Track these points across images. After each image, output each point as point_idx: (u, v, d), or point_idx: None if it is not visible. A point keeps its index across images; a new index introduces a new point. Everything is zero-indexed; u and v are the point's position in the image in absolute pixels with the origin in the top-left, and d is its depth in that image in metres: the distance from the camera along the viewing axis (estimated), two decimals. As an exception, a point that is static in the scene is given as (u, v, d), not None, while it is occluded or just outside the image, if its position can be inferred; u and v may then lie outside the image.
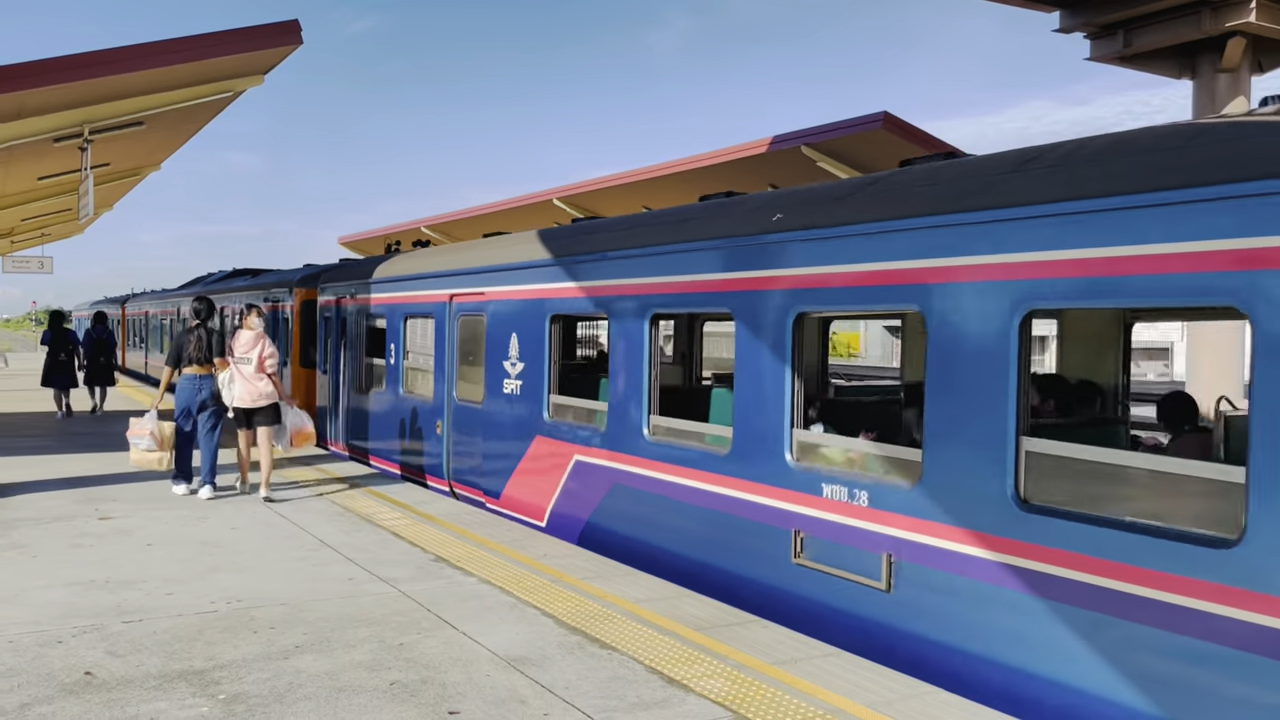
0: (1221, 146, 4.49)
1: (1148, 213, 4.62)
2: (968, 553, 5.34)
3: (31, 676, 5.03)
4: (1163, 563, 4.46)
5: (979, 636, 5.27)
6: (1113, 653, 4.63)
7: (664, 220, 8.74)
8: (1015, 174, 5.45)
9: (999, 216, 5.32)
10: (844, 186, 7.03)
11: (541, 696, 4.85)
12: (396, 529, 8.74)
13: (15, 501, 9.75)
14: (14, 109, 14.11)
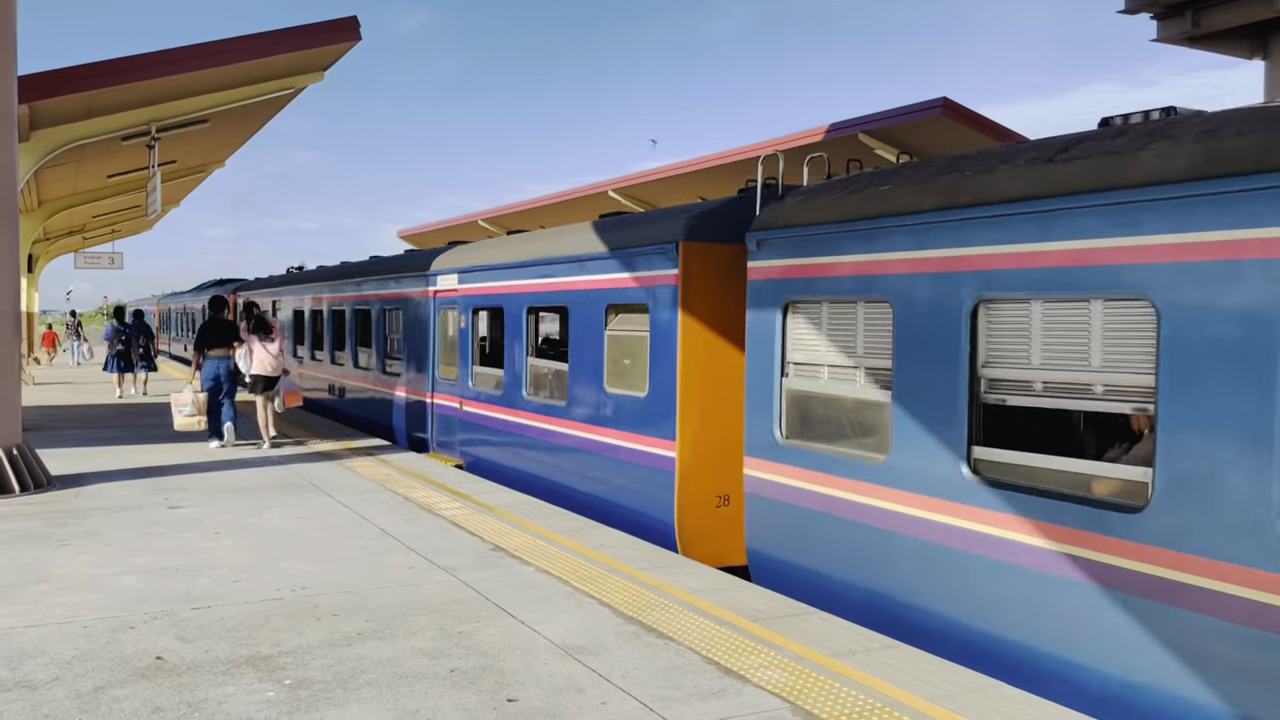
0: None
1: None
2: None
3: (105, 661, 5.18)
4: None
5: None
6: None
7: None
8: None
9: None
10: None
11: (599, 685, 4.88)
12: (456, 518, 8.85)
13: (89, 491, 10.04)
14: (84, 108, 14.50)
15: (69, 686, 4.81)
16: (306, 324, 21.55)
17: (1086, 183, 5.29)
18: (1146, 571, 4.85)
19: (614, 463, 9.50)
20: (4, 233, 9.70)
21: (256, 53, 14.02)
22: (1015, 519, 5.54)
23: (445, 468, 11.86)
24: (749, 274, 7.88)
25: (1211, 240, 4.68)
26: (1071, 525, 5.22)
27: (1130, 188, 5.04)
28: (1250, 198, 4.52)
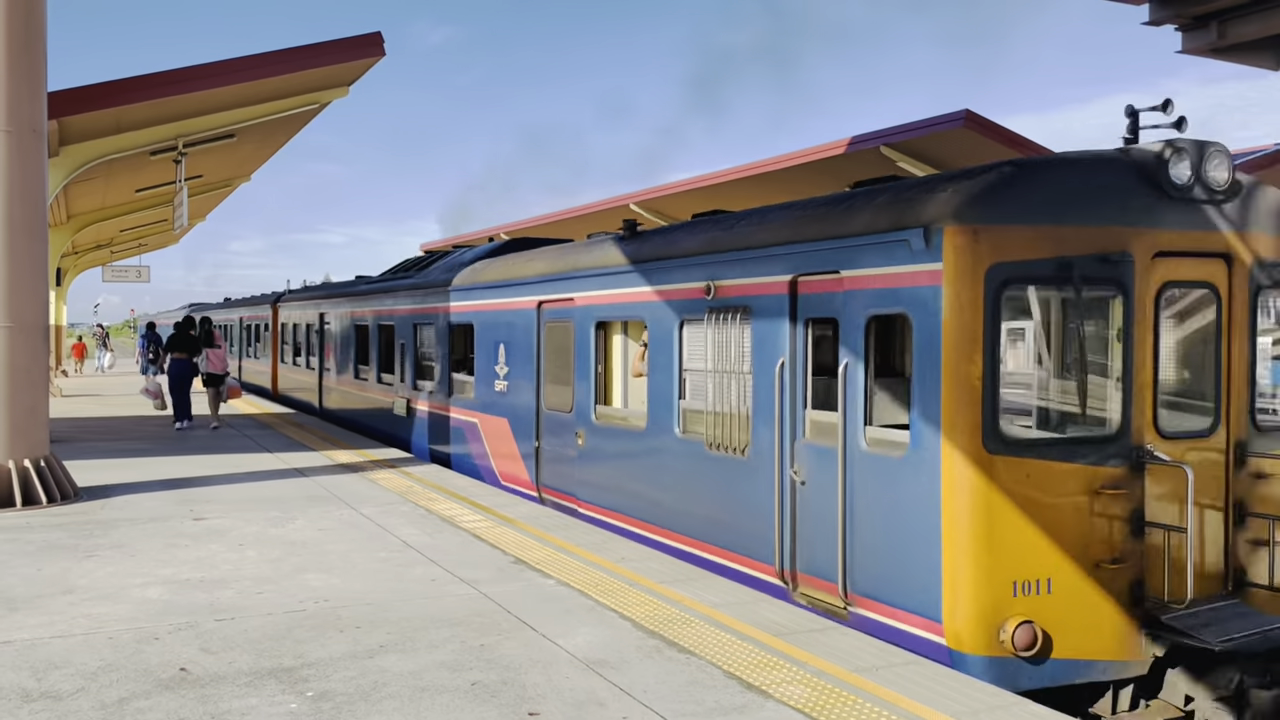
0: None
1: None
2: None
3: (130, 671, 5.22)
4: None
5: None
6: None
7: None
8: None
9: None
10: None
11: (620, 699, 4.87)
12: (477, 531, 8.86)
13: (116, 502, 10.13)
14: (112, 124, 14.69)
15: (94, 697, 4.85)
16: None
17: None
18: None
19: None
20: (33, 247, 9.83)
21: (282, 68, 14.17)
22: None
23: (468, 480, 11.87)
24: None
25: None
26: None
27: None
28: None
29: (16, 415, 9.71)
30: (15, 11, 9.52)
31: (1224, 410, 6.80)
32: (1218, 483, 6.76)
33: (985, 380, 6.09)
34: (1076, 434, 6.43)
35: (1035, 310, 6.52)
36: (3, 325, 9.58)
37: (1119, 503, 6.31)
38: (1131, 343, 6.48)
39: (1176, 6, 12.82)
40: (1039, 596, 6.13)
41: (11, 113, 9.51)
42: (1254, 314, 6.94)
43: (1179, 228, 6.61)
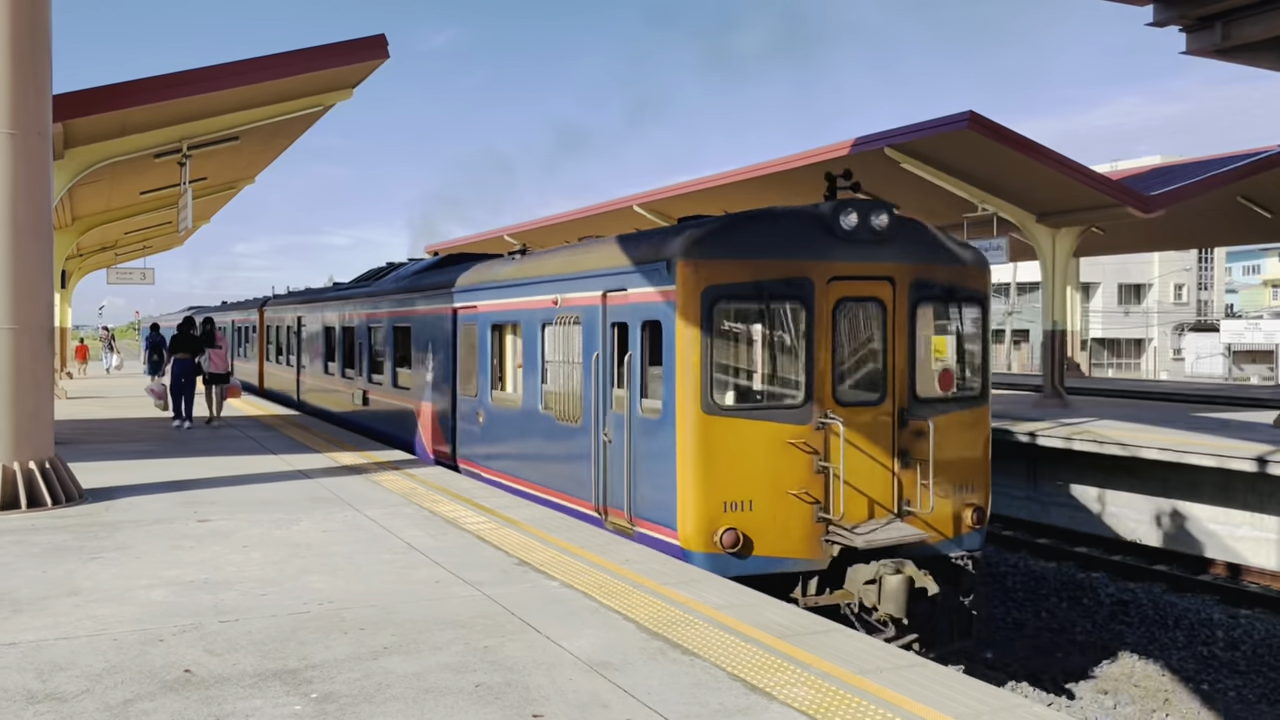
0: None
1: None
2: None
3: (134, 673, 5.23)
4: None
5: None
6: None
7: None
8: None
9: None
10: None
11: (624, 701, 4.87)
12: (481, 533, 8.87)
13: (120, 504, 10.15)
14: (117, 126, 14.71)
15: (99, 699, 4.86)
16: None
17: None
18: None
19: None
20: (38, 249, 9.85)
21: (287, 71, 14.18)
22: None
23: (472, 482, 11.89)
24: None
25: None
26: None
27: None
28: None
29: (21, 417, 9.72)
30: (20, 14, 9.54)
31: (891, 386, 9.37)
32: (887, 437, 9.34)
33: (703, 365, 8.78)
34: (772, 403, 9.06)
35: (743, 318, 9.09)
36: (8, 327, 9.59)
37: (803, 451, 8.94)
38: (813, 340, 9.05)
39: (1181, 8, 12.82)
40: (743, 513, 8.79)
41: (16, 115, 9.53)
42: (912, 319, 9.52)
43: (850, 260, 9.25)
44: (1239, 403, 25.05)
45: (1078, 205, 20.90)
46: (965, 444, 9.85)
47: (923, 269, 9.63)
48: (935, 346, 10.03)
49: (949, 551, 9.50)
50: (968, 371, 10.17)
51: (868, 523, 9.06)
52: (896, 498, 9.28)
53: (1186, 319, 70.13)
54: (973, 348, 10.21)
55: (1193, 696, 11.16)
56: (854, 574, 8.96)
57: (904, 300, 9.46)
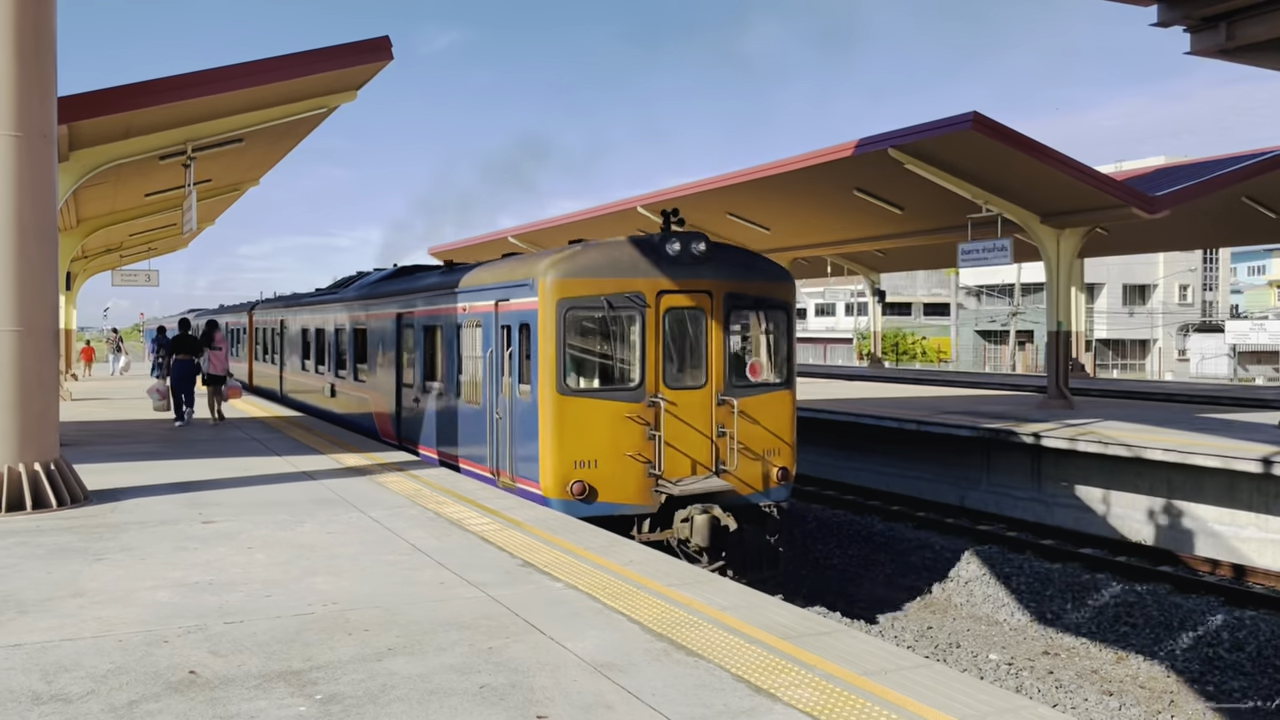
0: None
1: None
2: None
3: (139, 674, 5.23)
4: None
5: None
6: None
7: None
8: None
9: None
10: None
11: (628, 702, 4.87)
12: (485, 534, 8.87)
13: (125, 505, 10.16)
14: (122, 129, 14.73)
15: (104, 700, 4.86)
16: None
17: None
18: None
19: None
20: (43, 251, 9.87)
21: (291, 73, 14.19)
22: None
23: (475, 484, 11.90)
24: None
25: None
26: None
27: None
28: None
29: (27, 419, 9.73)
30: (25, 16, 9.56)
31: (709, 374, 12.20)
32: (707, 414, 12.19)
33: (558, 358, 11.60)
34: (614, 386, 11.93)
35: (591, 322, 11.88)
36: (13, 329, 9.61)
37: (638, 423, 11.82)
38: (646, 339, 11.91)
39: (1185, 8, 12.79)
40: (590, 469, 11.63)
41: (21, 118, 9.54)
42: (726, 324, 12.33)
43: (675, 278, 12.07)
44: (1244, 403, 25.00)
45: (1082, 206, 20.87)
46: (771, 419, 12.60)
47: (735, 284, 12.40)
48: (754, 347, 12.99)
49: (758, 501, 12.38)
50: (774, 363, 12.87)
51: (689, 478, 11.96)
52: (715, 459, 12.14)
53: (1191, 320, 70.01)
54: (778, 345, 12.90)
55: (1198, 698, 11.14)
56: (676, 517, 11.77)
57: (719, 308, 12.26)
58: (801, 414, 23.65)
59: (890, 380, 36.18)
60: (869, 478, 22.20)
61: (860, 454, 22.68)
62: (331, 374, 21.29)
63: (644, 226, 30.76)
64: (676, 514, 11.73)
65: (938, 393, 29.27)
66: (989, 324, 72.39)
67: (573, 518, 9.76)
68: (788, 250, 31.02)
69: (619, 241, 12.40)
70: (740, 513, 11.93)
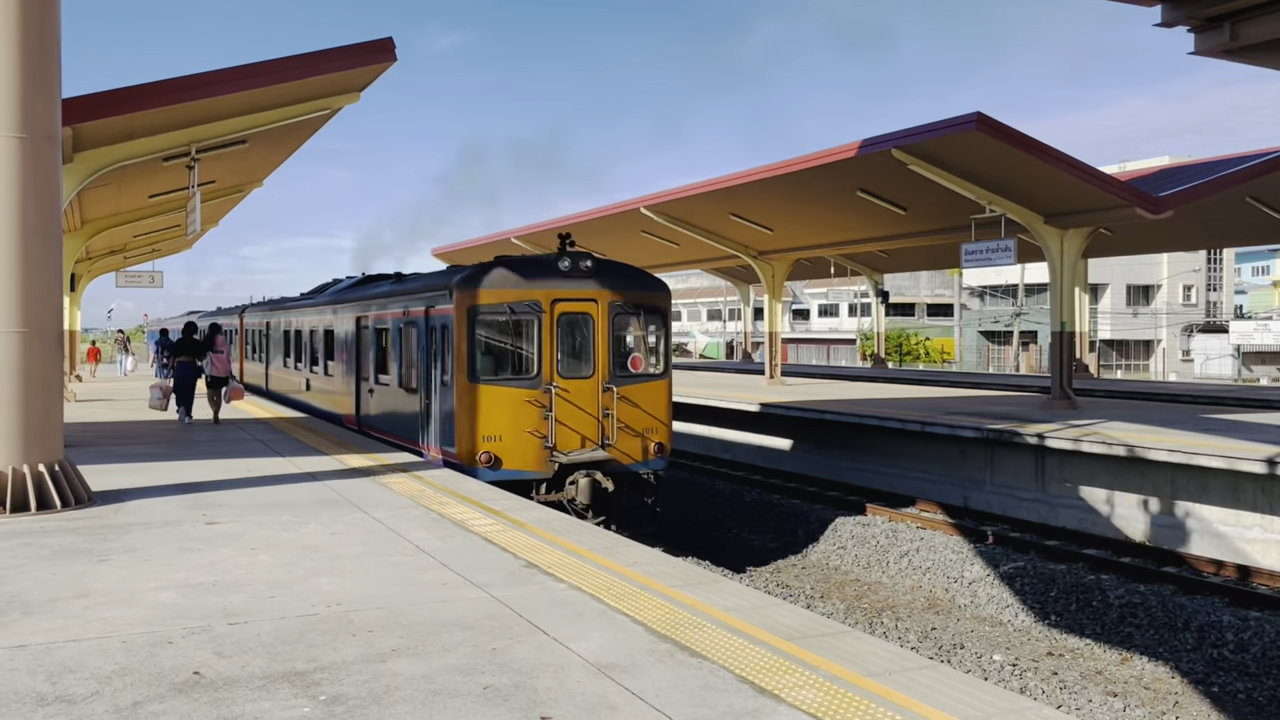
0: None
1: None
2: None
3: (143, 675, 5.24)
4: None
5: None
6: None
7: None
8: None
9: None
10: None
11: (632, 703, 4.87)
12: (489, 535, 8.88)
13: (129, 506, 10.18)
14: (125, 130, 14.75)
15: (108, 701, 4.87)
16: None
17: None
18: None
19: None
20: (48, 253, 9.88)
21: (294, 74, 14.20)
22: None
23: (479, 484, 11.91)
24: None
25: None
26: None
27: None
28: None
29: (31, 420, 9.75)
30: (29, 18, 9.58)
31: (596, 366, 14.80)
32: (594, 398, 14.75)
33: (469, 353, 14.21)
34: (516, 376, 14.51)
35: (497, 325, 14.50)
36: (18, 331, 9.63)
37: (537, 406, 14.41)
38: (542, 340, 14.50)
39: (1189, 8, 12.75)
40: (496, 442, 14.17)
41: (26, 119, 9.56)
42: (611, 325, 14.92)
43: (567, 288, 14.71)
44: (1248, 404, 24.95)
45: (1086, 206, 20.84)
46: (649, 404, 15.23)
47: (617, 293, 15.02)
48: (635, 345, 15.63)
49: (638, 470, 15.05)
50: (652, 358, 15.65)
51: (578, 450, 14.51)
52: (600, 435, 14.74)
53: (1195, 320, 69.90)
54: (655, 343, 15.70)
55: (1202, 699, 11.11)
56: (567, 481, 14.33)
57: (604, 313, 14.84)
58: (804, 414, 23.71)
59: (894, 381, 36.16)
60: (872, 479, 22.17)
61: (864, 455, 22.65)
62: (306, 370, 23.90)
63: (648, 227, 30.77)
64: (568, 479, 14.34)
65: (941, 393, 29.24)
66: (993, 325, 72.33)
67: (479, 480, 12.56)
68: (791, 251, 30.98)
69: (522, 258, 15.58)
70: (621, 479, 14.67)
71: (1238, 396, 27.66)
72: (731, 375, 39.02)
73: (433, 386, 15.26)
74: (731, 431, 27.47)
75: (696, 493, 22.48)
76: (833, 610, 14.31)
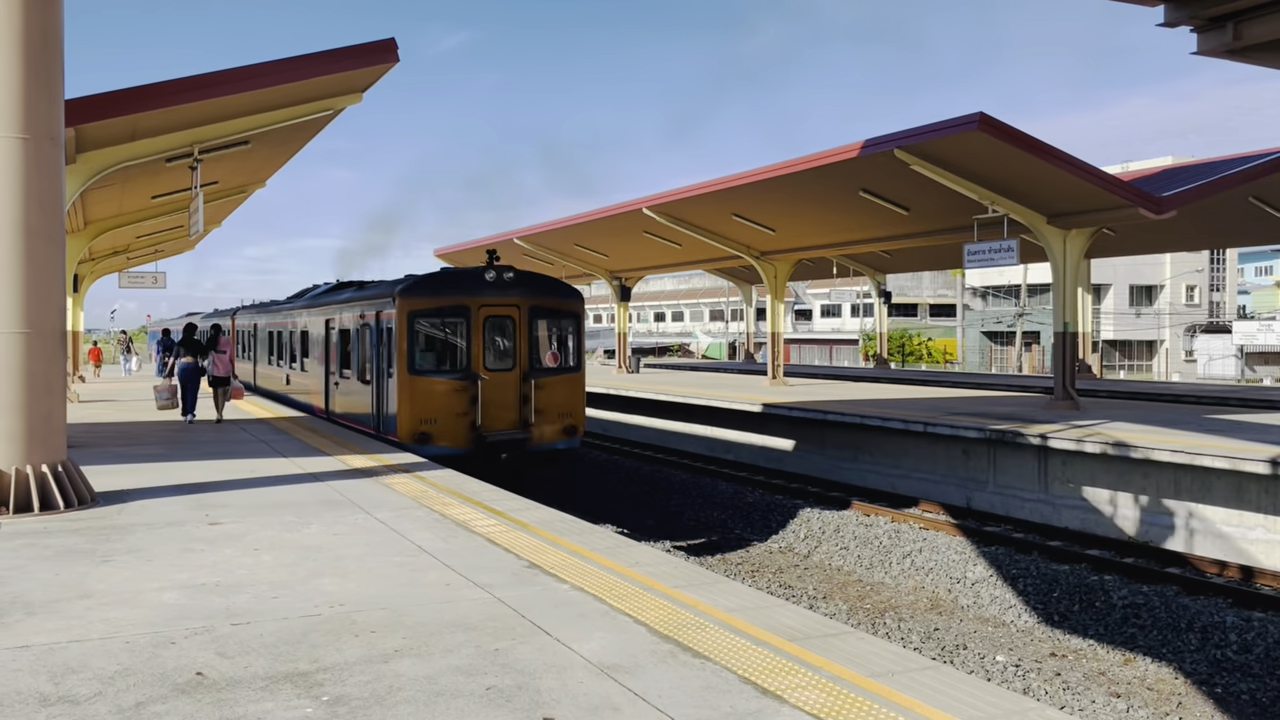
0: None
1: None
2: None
3: (146, 676, 5.24)
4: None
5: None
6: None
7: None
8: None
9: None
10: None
11: (635, 704, 4.86)
12: (491, 535, 8.87)
13: (132, 507, 10.19)
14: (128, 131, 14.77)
15: (111, 701, 4.87)
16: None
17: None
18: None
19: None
20: (51, 254, 9.89)
21: (297, 75, 14.21)
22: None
23: (482, 485, 11.91)
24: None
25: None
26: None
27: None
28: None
29: (34, 421, 9.76)
30: (32, 19, 9.59)
31: (518, 360, 17.36)
32: (516, 388, 17.32)
33: (409, 350, 16.76)
34: (449, 369, 17.05)
35: (433, 327, 17.20)
36: (21, 331, 9.64)
37: (466, 394, 16.89)
38: (471, 338, 17.06)
39: (1192, 7, 12.73)
40: (430, 424, 16.63)
41: (29, 120, 9.57)
42: (532, 326, 17.55)
43: (492, 296, 17.30)
44: (1252, 404, 24.92)
45: (1089, 206, 20.82)
46: (564, 393, 17.84)
47: (536, 300, 17.67)
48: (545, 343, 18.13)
49: (554, 447, 17.69)
50: (566, 355, 18.18)
51: (502, 430, 17.16)
52: (522, 419, 17.37)
53: (1199, 320, 69.82)
54: (569, 342, 18.28)
55: (1206, 700, 11.10)
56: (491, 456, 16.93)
57: (525, 317, 17.51)
58: (806, 415, 23.71)
59: (896, 381, 36.13)
60: (875, 479, 22.16)
61: (866, 455, 22.64)
62: (287, 367, 26.67)
63: (650, 227, 30.76)
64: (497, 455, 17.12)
65: (944, 394, 29.22)
66: (995, 325, 72.27)
67: (416, 454, 14.73)
68: (793, 251, 30.96)
69: (456, 270, 19.02)
70: (539, 457, 17.45)
71: (1241, 397, 27.63)
72: (734, 375, 39.02)
73: (382, 378, 17.79)
74: (734, 432, 27.45)
75: (699, 493, 22.47)
76: (835, 611, 14.30)
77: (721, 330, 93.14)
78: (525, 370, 17.40)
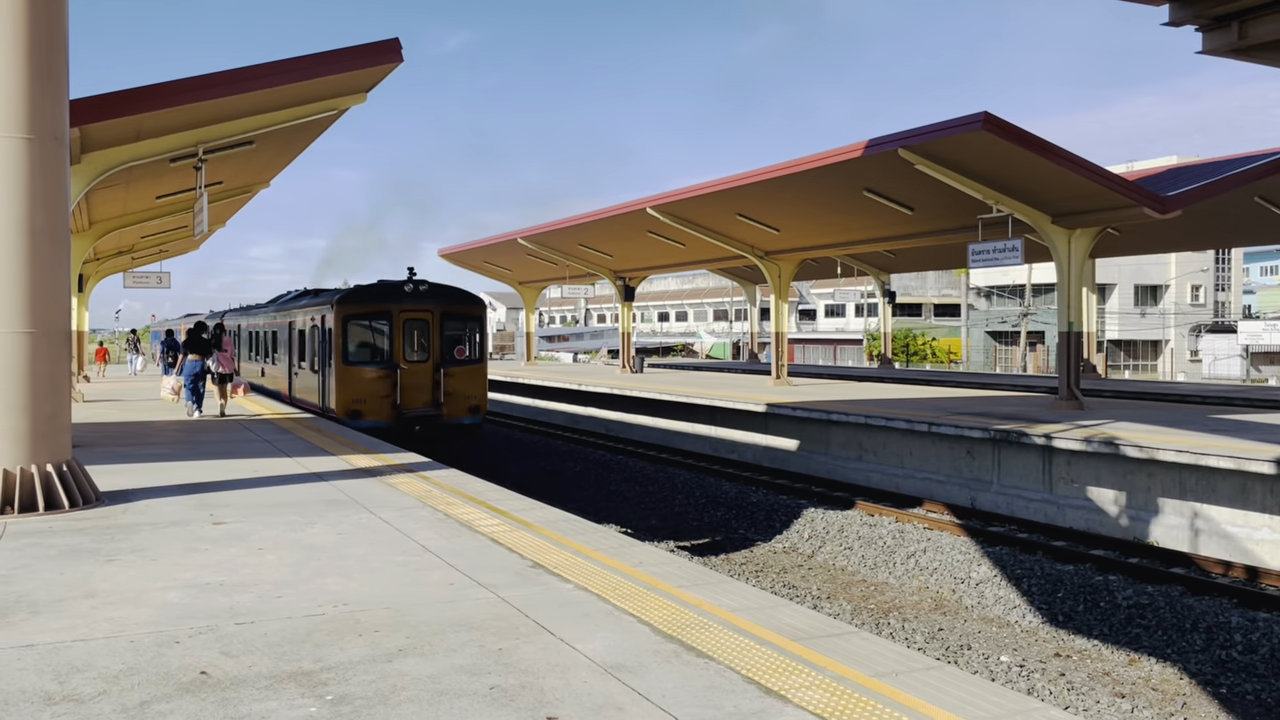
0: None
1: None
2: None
3: (151, 675, 5.25)
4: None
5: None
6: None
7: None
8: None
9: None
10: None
11: (638, 704, 4.86)
12: (495, 535, 8.88)
13: (136, 507, 10.20)
14: (133, 131, 14.80)
15: (116, 700, 4.88)
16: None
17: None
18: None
19: None
20: (56, 254, 9.91)
21: (301, 75, 14.23)
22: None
23: (486, 485, 11.91)
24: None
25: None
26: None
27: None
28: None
29: (39, 420, 9.77)
30: (37, 19, 9.60)
31: (432, 354, 22.24)
32: (430, 376, 22.13)
33: (343, 346, 21.86)
34: (375, 361, 22.00)
35: (363, 328, 22.23)
36: (26, 331, 9.65)
37: (389, 381, 21.80)
38: (394, 337, 21.99)
39: (1197, 7, 12.71)
40: (360, 403, 21.65)
41: (34, 120, 9.59)
42: (442, 329, 22.35)
43: (411, 304, 22.17)
44: (1257, 404, 24.87)
45: (1094, 206, 20.79)
46: (469, 380, 22.49)
47: (446, 306, 22.29)
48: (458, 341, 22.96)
49: (460, 422, 22.15)
50: (471, 350, 22.76)
51: (418, 409, 21.72)
52: (434, 400, 21.94)
53: (1204, 320, 69.69)
54: (474, 339, 22.92)
55: (1211, 700, 11.08)
56: (408, 429, 21.21)
57: (437, 320, 22.10)
58: (810, 415, 23.70)
59: (900, 381, 36.09)
60: (879, 479, 22.14)
61: (870, 455, 22.62)
62: (263, 361, 31.13)
63: (654, 227, 30.76)
64: (412, 428, 21.38)
65: (948, 394, 29.19)
66: (1000, 325, 72.18)
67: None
68: (797, 251, 30.95)
69: (381, 283, 22.93)
70: (449, 429, 21.91)
71: (1246, 397, 27.57)
72: (738, 375, 39.00)
73: (325, 368, 22.59)
74: (738, 432, 27.45)
75: (703, 493, 22.47)
76: (839, 611, 14.29)
77: (725, 330, 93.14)
78: (438, 362, 22.13)
